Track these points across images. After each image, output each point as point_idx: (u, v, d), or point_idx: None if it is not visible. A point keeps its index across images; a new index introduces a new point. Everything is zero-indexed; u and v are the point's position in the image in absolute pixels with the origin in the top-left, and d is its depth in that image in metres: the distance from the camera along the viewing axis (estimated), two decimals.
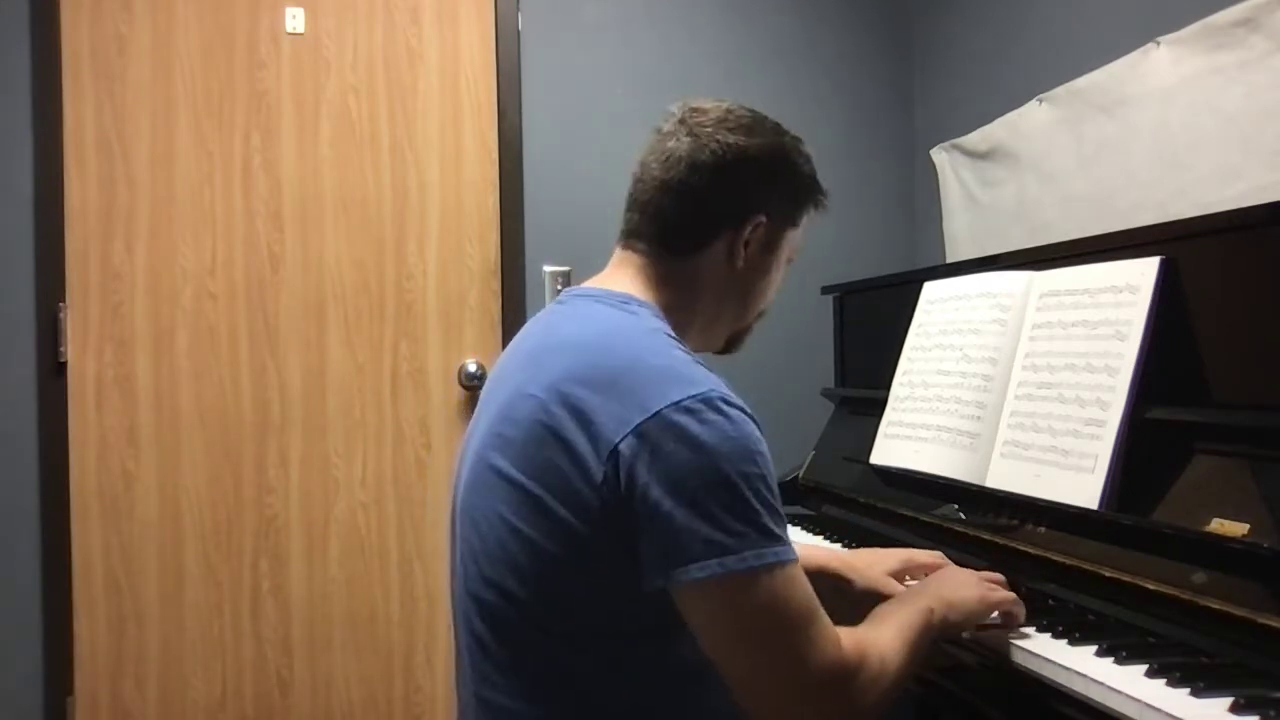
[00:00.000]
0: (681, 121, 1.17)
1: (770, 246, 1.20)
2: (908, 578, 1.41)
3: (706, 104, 1.19)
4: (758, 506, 0.96)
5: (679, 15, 2.83)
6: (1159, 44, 1.93)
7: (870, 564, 1.40)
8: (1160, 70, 1.93)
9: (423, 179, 2.65)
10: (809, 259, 2.77)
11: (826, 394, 2.36)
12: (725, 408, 0.99)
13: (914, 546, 1.49)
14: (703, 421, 0.96)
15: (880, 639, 1.05)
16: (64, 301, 2.44)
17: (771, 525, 0.97)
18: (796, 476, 2.16)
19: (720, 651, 0.98)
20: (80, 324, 2.46)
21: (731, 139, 1.14)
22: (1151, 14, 2.00)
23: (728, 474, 0.95)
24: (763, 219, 1.16)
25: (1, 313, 2.39)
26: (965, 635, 1.22)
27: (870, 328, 2.28)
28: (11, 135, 2.40)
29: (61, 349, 2.43)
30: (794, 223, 1.22)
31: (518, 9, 2.69)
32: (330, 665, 2.57)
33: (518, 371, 1.11)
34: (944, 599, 1.16)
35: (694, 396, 0.98)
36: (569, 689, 1.04)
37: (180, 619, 2.49)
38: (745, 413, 1.01)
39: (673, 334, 1.10)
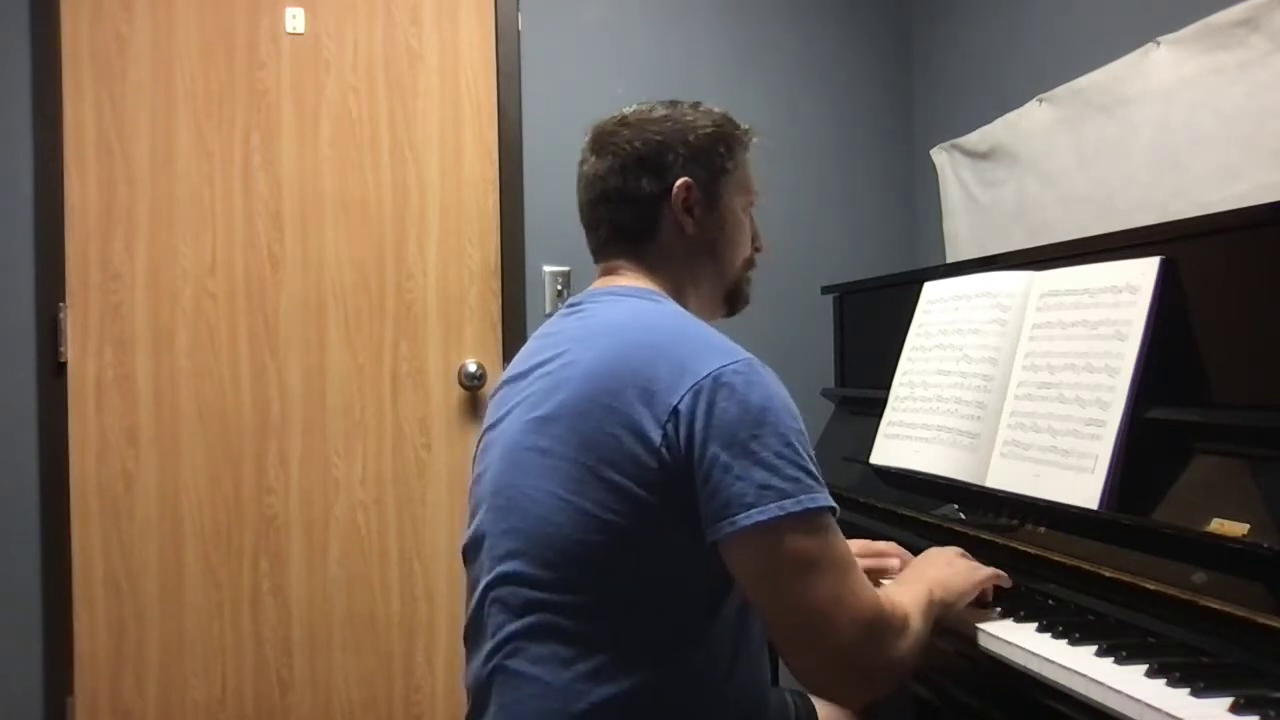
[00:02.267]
0: (586, 148, 1.28)
1: (712, 200, 1.26)
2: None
3: (603, 121, 1.28)
4: (805, 456, 1.05)
5: (679, 15, 2.83)
6: (1159, 44, 1.93)
7: None
8: (1160, 70, 1.93)
9: (423, 179, 2.65)
10: (809, 259, 2.80)
11: (826, 394, 2.36)
12: (765, 371, 1.09)
13: (915, 546, 1.49)
14: (750, 382, 1.05)
15: (904, 601, 1.12)
16: (64, 301, 2.44)
17: (818, 474, 1.05)
18: None
19: (772, 595, 1.04)
20: (80, 324, 2.46)
21: (622, 135, 1.25)
22: (1151, 14, 2.00)
23: (777, 426, 1.04)
24: (685, 180, 1.23)
25: (1, 313, 2.39)
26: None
27: (870, 328, 2.28)
28: (11, 135, 2.40)
29: (61, 349, 2.43)
30: (723, 169, 1.27)
31: (518, 9, 2.69)
32: (330, 665, 2.57)
33: (552, 360, 1.15)
34: (940, 581, 1.23)
35: (738, 361, 1.07)
36: (608, 664, 1.05)
37: (180, 619, 2.49)
38: (778, 380, 1.10)
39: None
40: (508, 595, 1.10)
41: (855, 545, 1.52)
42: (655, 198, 1.23)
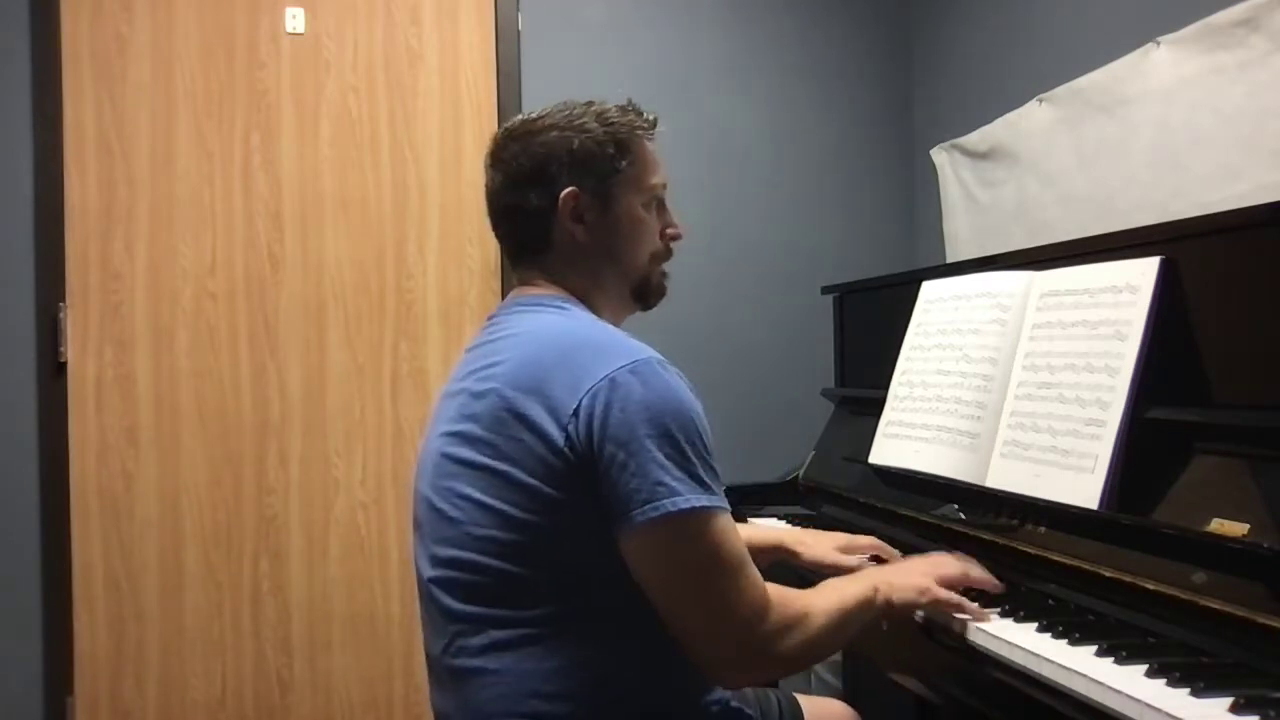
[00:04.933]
0: (484, 161, 1.32)
1: (607, 203, 1.26)
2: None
3: (496, 134, 1.32)
4: (693, 459, 1.08)
5: (679, 16, 2.82)
6: (1159, 44, 1.93)
7: (817, 540, 1.55)
8: (1160, 70, 1.93)
9: (423, 179, 2.65)
10: (809, 259, 2.80)
11: (826, 394, 2.36)
12: (664, 371, 1.11)
13: (914, 546, 1.49)
14: (645, 382, 1.09)
15: (812, 598, 1.15)
16: (64, 301, 2.44)
17: (705, 477, 1.09)
18: (796, 476, 2.16)
19: (659, 589, 1.09)
20: (80, 324, 2.46)
21: (510, 150, 1.28)
22: (1151, 14, 2.00)
23: (668, 427, 1.08)
24: (571, 189, 1.24)
25: (1, 313, 2.39)
26: (919, 616, 1.30)
27: (870, 328, 2.28)
28: (11, 135, 2.40)
29: (61, 349, 2.43)
30: (613, 171, 1.26)
31: (518, 9, 2.69)
32: (330, 665, 2.57)
33: (468, 376, 1.21)
34: (890, 583, 1.25)
35: (637, 361, 1.10)
36: (547, 648, 1.11)
37: (180, 619, 2.49)
38: (681, 378, 1.13)
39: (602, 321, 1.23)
40: (447, 602, 1.15)
41: (832, 539, 1.56)
42: (544, 210, 1.24)
